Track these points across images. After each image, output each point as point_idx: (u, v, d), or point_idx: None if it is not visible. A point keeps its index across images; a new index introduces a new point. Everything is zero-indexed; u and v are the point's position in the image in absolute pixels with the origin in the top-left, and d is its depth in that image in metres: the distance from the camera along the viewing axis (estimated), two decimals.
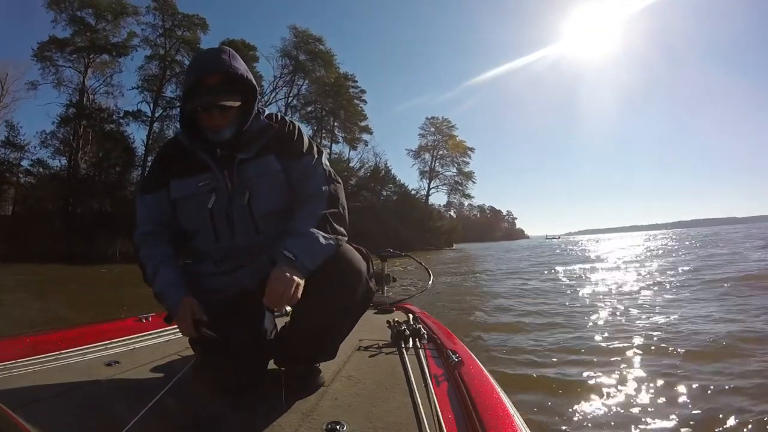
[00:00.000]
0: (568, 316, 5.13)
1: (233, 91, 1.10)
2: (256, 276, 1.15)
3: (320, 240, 1.06)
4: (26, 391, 1.12)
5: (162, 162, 1.23)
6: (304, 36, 36.14)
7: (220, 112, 1.10)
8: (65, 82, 27.97)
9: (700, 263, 11.47)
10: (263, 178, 1.16)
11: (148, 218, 1.22)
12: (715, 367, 2.98)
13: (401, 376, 1.24)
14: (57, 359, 1.39)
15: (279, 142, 1.19)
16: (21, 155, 26.85)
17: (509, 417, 0.90)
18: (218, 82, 1.09)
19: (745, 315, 4.60)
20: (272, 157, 1.17)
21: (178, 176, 1.17)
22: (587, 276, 10.03)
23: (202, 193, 1.15)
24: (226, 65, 1.09)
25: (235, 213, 1.15)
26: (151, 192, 1.21)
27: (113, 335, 1.67)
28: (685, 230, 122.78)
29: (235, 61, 1.11)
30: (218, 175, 1.15)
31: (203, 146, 1.16)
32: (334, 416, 0.99)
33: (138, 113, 29.69)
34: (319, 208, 1.11)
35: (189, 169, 1.16)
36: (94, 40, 27.56)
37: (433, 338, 1.58)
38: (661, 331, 4.03)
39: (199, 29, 31.25)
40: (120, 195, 27.73)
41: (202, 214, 1.15)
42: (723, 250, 16.17)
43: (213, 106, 1.08)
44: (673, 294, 6.43)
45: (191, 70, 1.12)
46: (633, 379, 2.81)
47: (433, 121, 50.05)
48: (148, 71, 30.37)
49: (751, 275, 7.80)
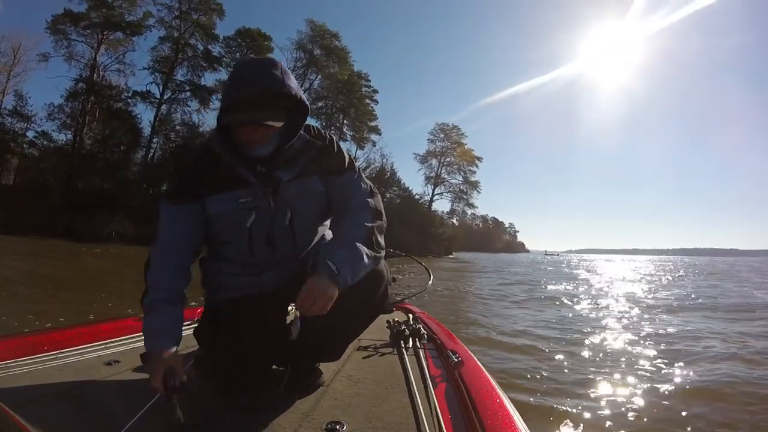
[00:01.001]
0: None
1: (279, 108, 1.05)
2: (279, 279, 1.15)
3: (364, 258, 1.04)
4: (26, 391, 1.11)
5: (195, 171, 1.12)
6: (321, 31, 35.92)
7: (262, 129, 1.04)
8: (77, 57, 27.88)
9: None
10: (305, 199, 1.14)
11: (173, 233, 1.10)
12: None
13: (401, 376, 1.24)
14: (57, 359, 1.37)
15: (320, 160, 1.15)
16: (27, 126, 26.85)
17: (509, 417, 0.90)
18: (265, 98, 1.02)
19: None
20: (315, 177, 1.15)
21: (215, 191, 1.09)
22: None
23: (241, 210, 1.10)
24: (278, 83, 1.02)
25: (276, 232, 1.12)
26: (183, 203, 1.10)
27: (113, 335, 1.65)
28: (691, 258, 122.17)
29: (288, 78, 1.04)
30: (260, 194, 1.09)
31: (242, 160, 1.08)
32: (334, 416, 0.98)
33: (146, 94, 29.53)
34: (366, 220, 1.10)
35: (226, 183, 1.09)
36: (109, 16, 27.40)
37: (433, 338, 1.58)
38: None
39: (216, 14, 31.11)
40: (121, 174, 27.60)
41: (240, 232, 1.10)
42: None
43: (256, 124, 1.02)
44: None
45: (239, 80, 1.03)
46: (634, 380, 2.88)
47: (443, 127, 49.77)
48: (160, 52, 30.26)
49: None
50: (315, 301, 0.96)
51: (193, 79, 31.18)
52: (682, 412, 2.54)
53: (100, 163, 27.43)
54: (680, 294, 10.43)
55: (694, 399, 2.78)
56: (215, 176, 1.08)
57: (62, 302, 5.46)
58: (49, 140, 27.32)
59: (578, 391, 2.92)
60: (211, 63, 31.44)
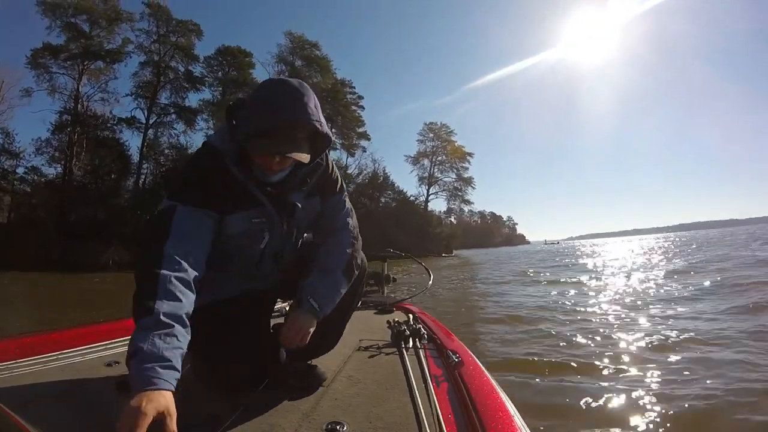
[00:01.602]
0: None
1: (304, 139, 1.02)
2: (269, 284, 1.20)
3: (342, 289, 1.16)
4: (26, 391, 1.11)
5: (207, 181, 1.01)
6: (300, 42, 36.09)
7: (285, 160, 1.02)
8: (59, 89, 27.87)
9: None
10: (308, 219, 1.20)
11: (190, 233, 0.94)
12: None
13: (401, 376, 1.24)
14: (57, 359, 1.38)
15: (323, 182, 1.20)
16: (16, 162, 26.79)
17: (509, 417, 0.91)
18: (294, 130, 0.99)
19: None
20: (317, 198, 1.19)
21: (234, 209, 1.05)
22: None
23: (255, 231, 1.09)
24: (313, 120, 0.99)
25: (286, 251, 1.17)
26: (201, 207, 0.98)
27: (113, 335, 1.65)
28: (693, 233, 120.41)
29: (319, 111, 1.02)
30: (273, 216, 1.10)
31: (254, 181, 1.06)
32: (334, 416, 0.98)
33: (132, 120, 29.52)
34: (346, 245, 1.20)
35: (242, 202, 1.06)
36: (88, 46, 27.43)
37: (433, 338, 1.58)
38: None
39: (194, 35, 31.21)
40: (113, 203, 27.55)
41: (252, 251, 1.12)
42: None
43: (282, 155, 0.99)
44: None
45: (273, 109, 0.97)
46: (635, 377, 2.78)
47: (431, 126, 49.93)
48: (142, 78, 30.29)
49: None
50: (297, 337, 1.07)
51: (177, 101, 31.26)
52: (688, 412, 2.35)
53: (91, 193, 27.38)
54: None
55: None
56: (231, 193, 1.03)
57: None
58: (39, 175, 27.32)
59: (583, 382, 2.82)
60: (193, 83, 31.51)
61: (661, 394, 2.56)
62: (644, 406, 2.39)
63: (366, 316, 2.17)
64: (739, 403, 2.39)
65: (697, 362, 3.13)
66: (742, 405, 2.37)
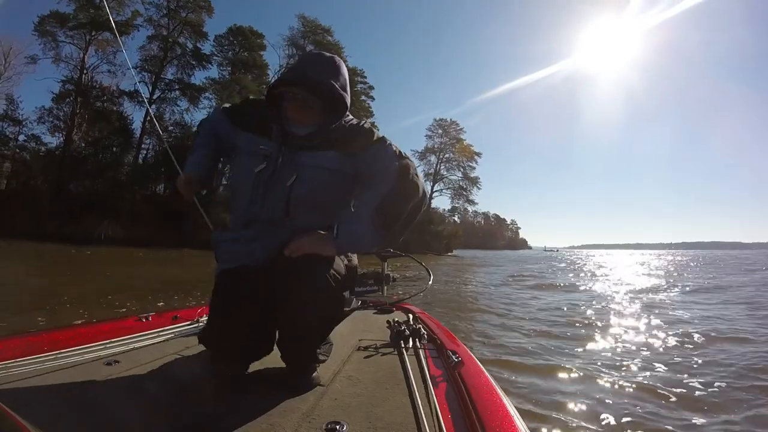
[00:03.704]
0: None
1: (320, 97, 1.20)
2: (269, 250, 1.19)
3: (367, 235, 1.15)
4: (26, 391, 1.10)
5: (251, 107, 1.37)
6: (313, 26, 35.52)
7: (306, 111, 1.20)
8: (65, 58, 27.51)
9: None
10: (315, 170, 1.19)
11: (217, 119, 1.40)
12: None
13: (401, 376, 1.24)
14: (57, 359, 1.36)
15: (345, 137, 1.22)
16: (19, 130, 26.53)
17: (509, 417, 0.91)
18: (313, 85, 1.19)
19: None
20: (332, 152, 1.21)
21: (250, 129, 1.27)
22: None
23: (256, 155, 1.21)
24: (328, 80, 1.19)
25: (275, 188, 1.19)
26: (230, 119, 1.35)
27: (113, 335, 1.63)
28: (695, 252, 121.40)
29: (342, 80, 1.22)
30: (275, 149, 1.21)
31: (280, 121, 1.23)
32: (334, 416, 0.98)
33: (134, 93, 29.00)
34: (383, 188, 1.16)
35: (258, 128, 1.25)
36: (96, 16, 26.93)
37: (433, 338, 1.58)
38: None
39: (204, 12, 30.73)
40: (111, 176, 27.21)
41: (249, 174, 1.20)
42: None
43: (293, 97, 1.19)
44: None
45: (295, 65, 1.26)
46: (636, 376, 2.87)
47: (441, 122, 49.23)
48: (149, 51, 29.83)
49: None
50: (305, 244, 1.12)
51: (182, 77, 30.80)
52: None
53: (90, 166, 27.07)
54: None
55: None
56: (255, 119, 1.27)
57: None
58: (39, 143, 27.04)
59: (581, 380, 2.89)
60: (200, 61, 31.07)
61: (662, 394, 2.57)
62: (644, 406, 2.41)
63: (365, 316, 2.16)
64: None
65: (700, 356, 3.21)
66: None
